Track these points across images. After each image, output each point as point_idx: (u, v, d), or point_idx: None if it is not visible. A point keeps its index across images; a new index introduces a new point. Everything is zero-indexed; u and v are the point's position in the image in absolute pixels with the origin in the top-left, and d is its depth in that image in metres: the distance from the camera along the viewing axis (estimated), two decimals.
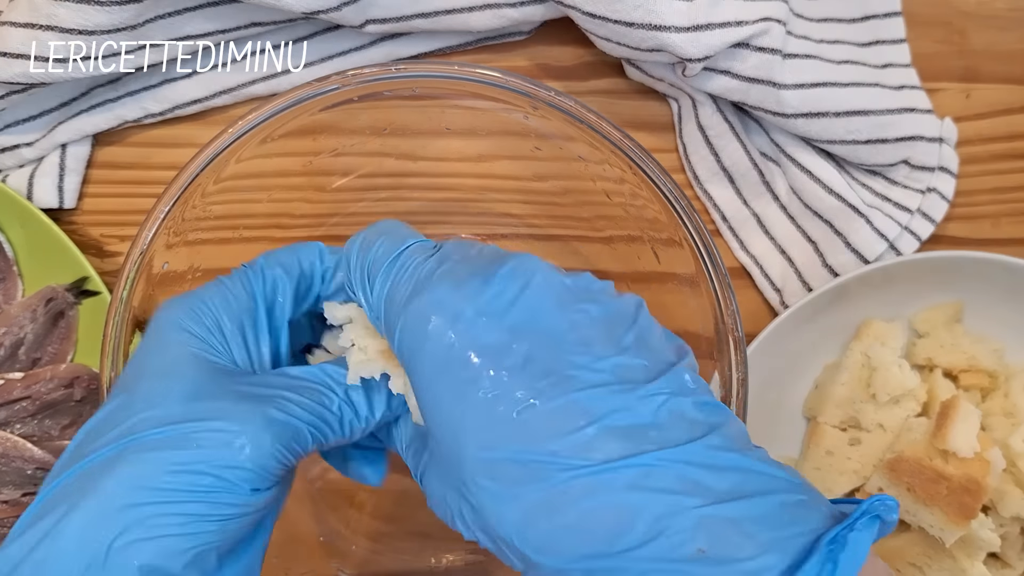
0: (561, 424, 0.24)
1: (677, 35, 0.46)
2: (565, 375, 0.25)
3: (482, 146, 0.51)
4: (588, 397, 0.25)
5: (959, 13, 0.55)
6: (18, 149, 0.51)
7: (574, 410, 0.25)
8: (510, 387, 0.25)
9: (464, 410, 0.26)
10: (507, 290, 0.27)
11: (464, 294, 0.27)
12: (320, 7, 0.47)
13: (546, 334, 0.26)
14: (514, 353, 0.26)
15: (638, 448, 0.24)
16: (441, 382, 0.26)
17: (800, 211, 0.53)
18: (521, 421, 0.25)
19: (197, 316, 0.32)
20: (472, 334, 0.26)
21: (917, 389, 0.50)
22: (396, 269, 0.29)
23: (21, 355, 0.51)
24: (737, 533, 0.23)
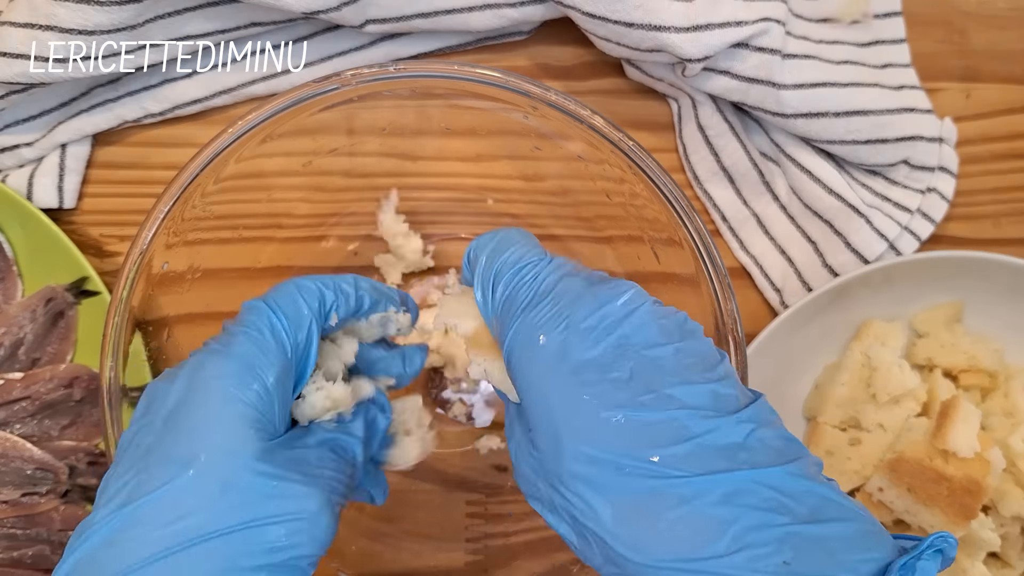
0: (661, 435, 0.26)
1: (677, 35, 0.46)
2: (666, 394, 0.27)
3: (482, 146, 0.51)
4: (687, 415, 0.27)
5: (959, 13, 0.55)
6: (18, 149, 0.51)
7: (674, 425, 0.26)
8: (616, 396, 0.27)
9: (570, 410, 0.27)
10: (617, 311, 0.29)
11: (581, 308, 0.29)
12: (320, 7, 0.47)
13: (649, 356, 0.28)
14: (620, 367, 0.27)
15: (730, 466, 0.26)
16: (549, 382, 0.28)
17: (800, 211, 0.53)
18: (624, 428, 0.27)
19: (246, 381, 0.31)
20: (584, 344, 0.28)
21: (917, 389, 0.50)
22: (519, 277, 0.31)
23: (21, 355, 0.51)
24: (820, 551, 0.25)
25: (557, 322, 0.29)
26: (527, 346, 0.29)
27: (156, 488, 0.28)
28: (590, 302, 0.29)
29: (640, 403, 0.27)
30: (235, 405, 0.30)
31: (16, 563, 0.50)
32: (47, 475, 0.50)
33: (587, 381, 0.27)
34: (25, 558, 0.50)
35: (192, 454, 0.29)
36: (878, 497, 0.48)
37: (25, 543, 0.50)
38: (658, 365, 0.28)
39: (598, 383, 0.27)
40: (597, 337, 0.28)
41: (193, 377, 0.31)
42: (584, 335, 0.28)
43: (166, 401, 0.30)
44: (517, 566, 0.49)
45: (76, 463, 0.50)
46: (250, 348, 0.31)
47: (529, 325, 0.29)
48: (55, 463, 0.50)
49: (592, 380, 0.27)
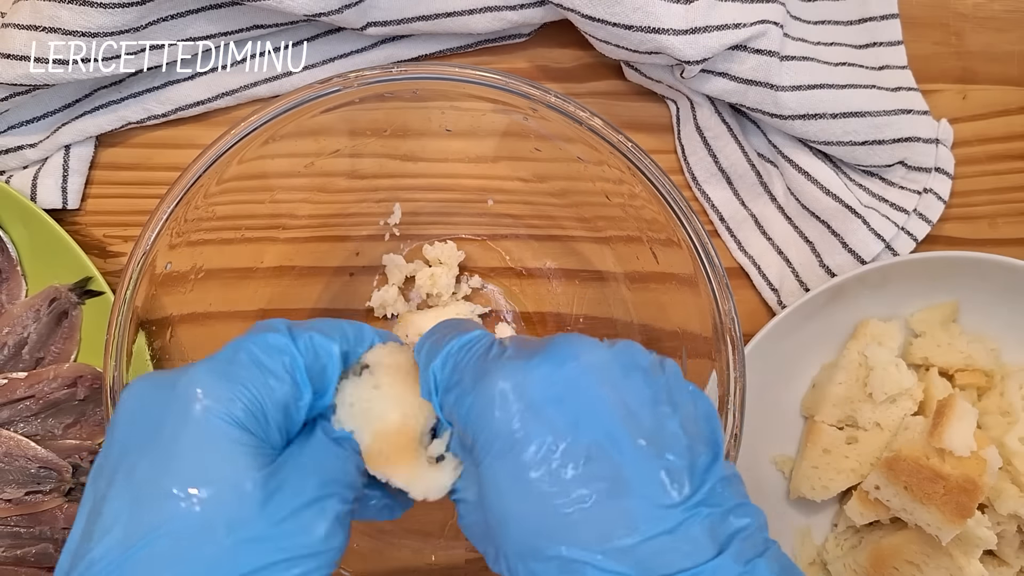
0: (609, 530, 0.27)
1: (675, 38, 0.46)
2: (618, 479, 0.27)
3: (482, 147, 0.51)
4: (637, 507, 0.27)
5: (956, 15, 0.55)
6: (22, 150, 0.52)
7: (624, 519, 0.27)
8: (568, 486, 0.27)
9: (520, 496, 0.27)
10: (557, 370, 0.29)
11: (526, 377, 0.29)
12: (321, 9, 0.47)
13: (602, 423, 0.28)
14: (572, 450, 0.27)
15: (670, 567, 0.26)
16: (502, 464, 0.28)
17: (797, 212, 0.53)
18: (573, 520, 0.27)
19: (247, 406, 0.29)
20: (537, 423, 0.28)
21: (914, 388, 0.50)
22: (463, 355, 0.31)
23: (25, 354, 0.51)
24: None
25: (508, 399, 0.28)
26: (481, 425, 0.29)
27: (158, 527, 0.26)
28: (535, 366, 0.29)
29: (594, 491, 0.27)
30: (233, 432, 0.28)
31: (20, 561, 0.50)
32: (51, 474, 0.50)
33: (542, 465, 0.27)
34: (29, 556, 0.50)
35: (192, 487, 0.27)
36: (875, 495, 0.48)
37: (29, 541, 0.50)
38: (611, 433, 0.28)
39: (553, 468, 0.27)
40: (550, 415, 0.28)
41: (189, 396, 0.28)
42: (538, 412, 0.28)
43: (159, 417, 0.28)
44: None
45: (80, 462, 0.51)
46: (251, 369, 0.29)
47: (481, 402, 0.29)
48: (59, 462, 0.50)
49: (547, 464, 0.27)
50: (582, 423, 0.28)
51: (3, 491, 0.50)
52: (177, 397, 0.28)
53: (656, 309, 0.49)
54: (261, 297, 0.51)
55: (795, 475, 0.52)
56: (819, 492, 0.51)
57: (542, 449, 0.27)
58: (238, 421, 0.28)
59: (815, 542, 0.54)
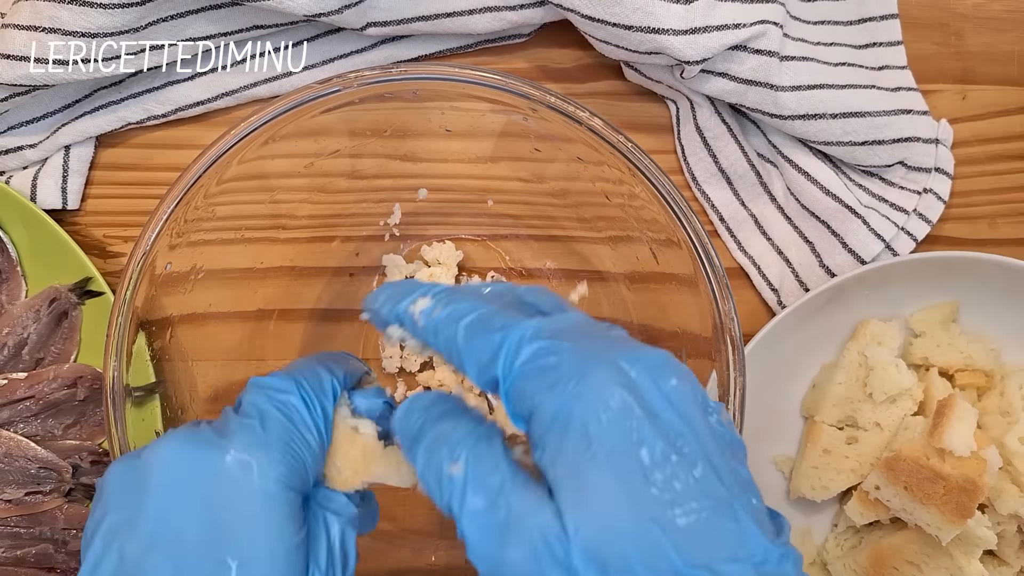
0: (723, 547, 0.24)
1: (675, 38, 0.46)
2: (725, 502, 0.25)
3: (482, 148, 0.51)
4: (749, 531, 0.25)
5: (955, 15, 0.55)
6: (22, 151, 0.52)
7: (737, 539, 0.24)
8: (682, 495, 0.24)
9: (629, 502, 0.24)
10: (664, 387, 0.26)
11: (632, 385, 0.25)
12: (321, 10, 0.47)
13: (702, 446, 0.25)
14: (687, 462, 0.25)
15: None
16: (608, 468, 0.25)
17: (797, 212, 0.53)
18: (684, 533, 0.24)
19: (293, 476, 0.29)
20: (653, 427, 0.25)
21: (914, 388, 0.50)
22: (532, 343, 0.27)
23: (25, 355, 0.51)
24: None
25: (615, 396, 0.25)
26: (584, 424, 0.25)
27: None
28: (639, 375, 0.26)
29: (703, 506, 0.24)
30: (282, 505, 0.29)
31: (20, 562, 0.50)
32: (51, 474, 0.50)
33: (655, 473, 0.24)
34: (29, 557, 0.50)
35: (243, 558, 0.27)
36: (875, 495, 0.48)
37: (29, 542, 0.50)
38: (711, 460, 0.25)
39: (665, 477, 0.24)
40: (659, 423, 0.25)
41: (233, 460, 0.28)
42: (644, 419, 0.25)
43: (201, 479, 0.28)
44: None
45: (80, 462, 0.51)
46: (291, 435, 0.30)
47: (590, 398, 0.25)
48: (59, 462, 0.50)
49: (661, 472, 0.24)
50: (688, 441, 0.25)
51: (3, 492, 0.50)
52: (222, 461, 0.28)
53: (656, 309, 0.49)
54: (261, 297, 0.51)
55: (795, 475, 0.53)
56: (819, 492, 0.51)
57: (656, 453, 0.24)
58: (286, 482, 0.29)
59: (815, 542, 0.54)
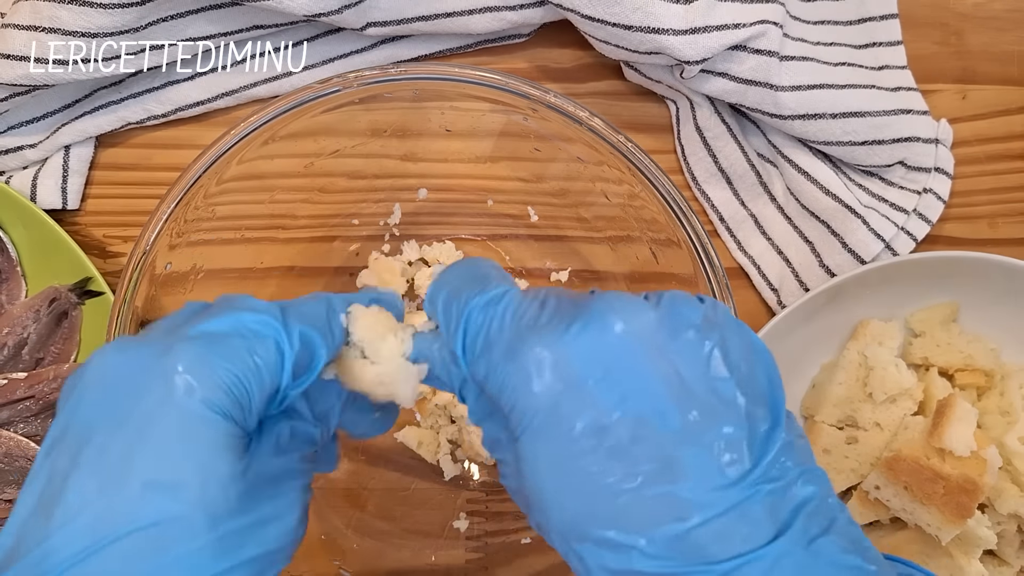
0: (658, 514, 0.25)
1: (675, 38, 0.46)
2: (668, 459, 0.25)
3: (482, 147, 0.51)
4: (690, 490, 0.25)
5: (955, 15, 0.55)
6: (22, 151, 0.52)
7: (675, 503, 0.25)
8: (614, 467, 0.25)
9: (562, 476, 0.26)
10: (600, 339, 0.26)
11: (567, 348, 0.26)
12: (321, 10, 0.47)
13: (650, 398, 0.26)
14: (619, 429, 0.25)
15: (726, 553, 0.24)
16: (542, 442, 0.26)
17: (797, 212, 0.53)
18: (620, 504, 0.25)
19: (235, 400, 0.26)
20: (579, 399, 0.26)
21: (914, 389, 0.50)
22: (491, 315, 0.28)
23: (25, 355, 0.51)
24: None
25: (547, 370, 0.26)
26: (521, 402, 0.27)
27: (133, 520, 0.24)
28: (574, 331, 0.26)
29: (641, 473, 0.25)
30: (219, 424, 0.26)
31: None
32: None
33: (586, 448, 0.25)
34: None
35: (174, 481, 0.25)
36: (875, 495, 0.48)
37: None
38: (657, 408, 0.25)
39: (598, 450, 0.25)
40: (593, 390, 0.26)
41: (171, 375, 0.26)
42: (579, 387, 0.26)
43: (136, 393, 0.26)
44: (517, 564, 0.50)
45: None
46: (244, 357, 0.27)
47: (519, 374, 0.27)
48: None
49: (591, 446, 0.25)
50: (629, 398, 0.25)
51: (3, 491, 0.50)
52: (158, 374, 0.26)
53: None
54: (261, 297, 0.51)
55: None
56: None
57: (585, 427, 0.25)
58: (222, 409, 0.26)
59: None
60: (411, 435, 0.51)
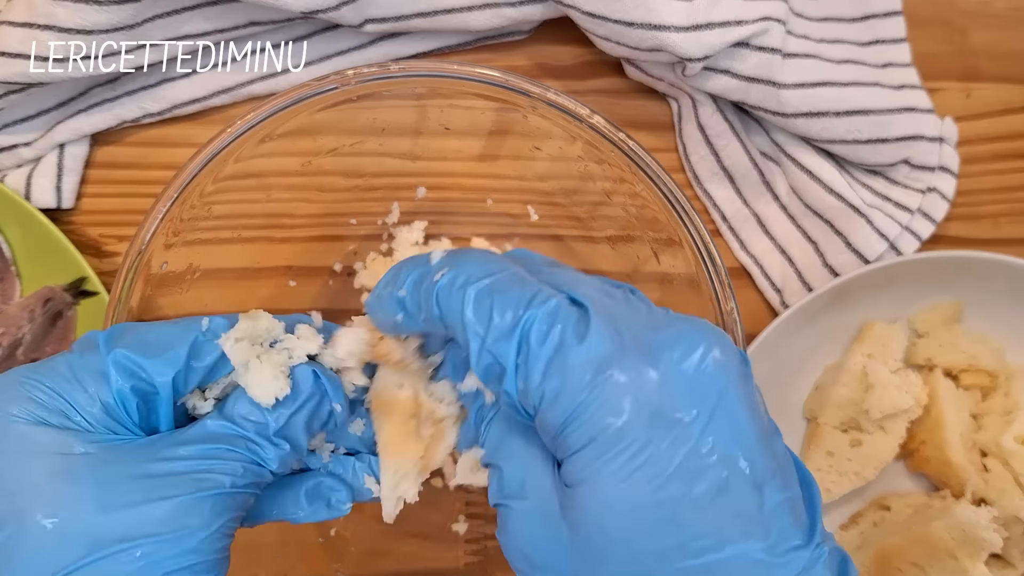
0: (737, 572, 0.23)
1: (676, 34, 0.46)
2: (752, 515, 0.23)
3: (481, 146, 0.51)
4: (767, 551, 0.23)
5: (960, 12, 0.55)
6: (16, 149, 0.51)
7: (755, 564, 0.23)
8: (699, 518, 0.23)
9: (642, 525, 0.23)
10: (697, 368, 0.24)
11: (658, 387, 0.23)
12: (319, 6, 0.47)
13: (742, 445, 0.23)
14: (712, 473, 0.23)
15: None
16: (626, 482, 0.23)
17: (800, 211, 0.52)
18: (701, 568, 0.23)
19: (45, 404, 0.28)
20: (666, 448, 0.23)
21: (912, 409, 0.50)
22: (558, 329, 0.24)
23: (19, 355, 0.51)
24: None
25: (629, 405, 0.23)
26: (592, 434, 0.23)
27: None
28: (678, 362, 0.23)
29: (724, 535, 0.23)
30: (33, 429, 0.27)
31: None
32: None
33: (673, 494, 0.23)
34: None
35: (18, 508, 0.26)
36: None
37: None
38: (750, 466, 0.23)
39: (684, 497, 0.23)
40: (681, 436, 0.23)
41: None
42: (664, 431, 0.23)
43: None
44: None
45: None
46: (59, 369, 0.29)
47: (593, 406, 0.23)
48: None
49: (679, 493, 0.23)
50: (718, 448, 0.23)
51: None
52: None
53: None
54: (258, 297, 0.51)
55: None
56: (822, 495, 0.50)
57: (677, 469, 0.23)
58: (35, 417, 0.27)
59: None
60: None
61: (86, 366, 0.29)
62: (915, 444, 0.51)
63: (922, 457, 0.51)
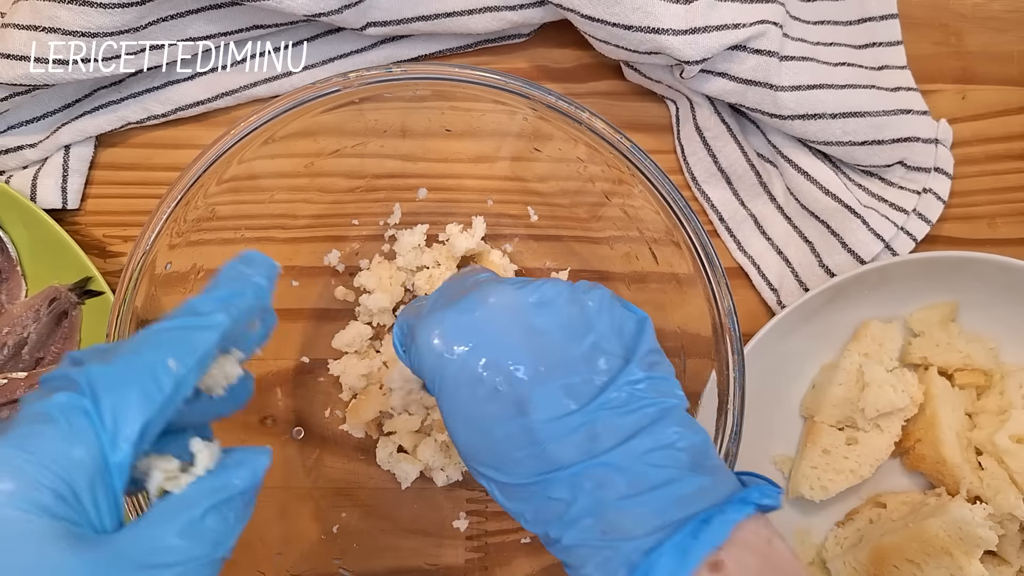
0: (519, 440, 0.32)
1: (674, 38, 0.46)
2: (524, 401, 0.32)
3: (482, 147, 0.51)
4: (536, 420, 0.32)
5: (955, 15, 0.55)
6: (22, 150, 0.52)
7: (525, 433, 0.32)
8: (486, 411, 0.32)
9: (456, 422, 0.33)
10: (468, 315, 0.33)
11: (442, 326, 0.33)
12: (321, 9, 0.47)
13: (510, 357, 0.33)
14: (488, 382, 0.33)
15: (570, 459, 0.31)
16: (440, 399, 0.34)
17: (797, 212, 0.53)
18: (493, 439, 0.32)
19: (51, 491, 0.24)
20: (453, 364, 0.33)
21: (907, 408, 0.50)
22: (410, 314, 0.36)
23: (25, 355, 0.51)
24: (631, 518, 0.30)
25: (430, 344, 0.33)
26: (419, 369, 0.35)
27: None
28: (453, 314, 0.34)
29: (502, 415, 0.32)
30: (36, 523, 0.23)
31: None
32: None
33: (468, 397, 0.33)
34: None
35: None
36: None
37: None
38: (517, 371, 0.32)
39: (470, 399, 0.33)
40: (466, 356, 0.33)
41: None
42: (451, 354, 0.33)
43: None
44: (517, 564, 0.50)
45: None
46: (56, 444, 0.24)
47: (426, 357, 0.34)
48: None
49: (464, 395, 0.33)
50: (493, 359, 0.32)
51: None
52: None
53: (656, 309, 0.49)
54: None
55: (794, 475, 0.53)
56: (818, 492, 0.51)
57: (462, 384, 0.32)
58: (43, 507, 0.23)
59: (814, 542, 0.54)
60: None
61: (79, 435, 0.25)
62: (910, 442, 0.52)
63: (918, 455, 0.52)
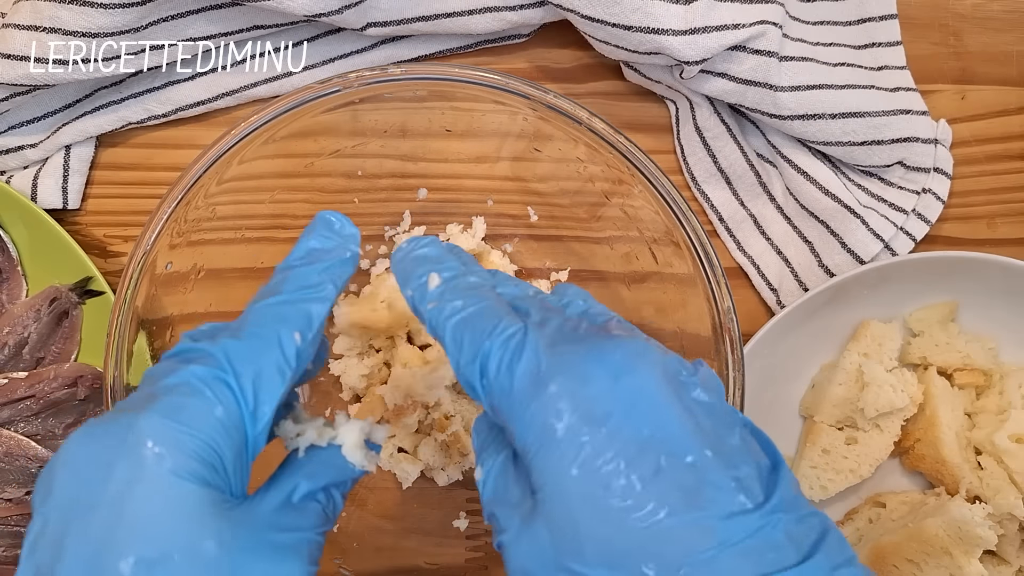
0: (688, 543, 0.25)
1: (674, 38, 0.46)
2: (690, 490, 0.26)
3: (482, 147, 0.51)
4: (714, 517, 0.25)
5: (954, 15, 0.55)
6: (22, 150, 0.52)
7: (701, 530, 0.25)
8: (642, 498, 0.26)
9: (592, 512, 0.26)
10: (617, 382, 0.27)
11: (588, 392, 0.27)
12: (321, 10, 0.47)
13: (670, 434, 0.27)
14: (646, 462, 0.26)
15: (754, 572, 0.25)
16: (570, 481, 0.26)
17: (796, 212, 0.53)
18: (650, 536, 0.25)
19: (204, 460, 0.26)
20: (603, 440, 0.26)
21: (907, 408, 0.50)
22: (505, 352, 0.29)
23: (25, 354, 0.51)
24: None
25: (568, 414, 0.27)
26: (543, 443, 0.27)
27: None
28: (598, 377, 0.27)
29: (668, 503, 0.26)
30: (195, 491, 0.25)
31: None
32: None
33: (613, 481, 0.26)
34: None
35: (159, 556, 0.24)
36: None
37: None
38: (679, 447, 0.27)
39: (625, 483, 0.26)
40: (614, 428, 0.26)
41: (137, 450, 0.25)
42: (599, 427, 0.26)
43: (104, 474, 0.25)
44: None
45: None
46: (205, 415, 0.27)
47: (540, 418, 0.27)
48: None
49: (618, 480, 0.26)
50: (649, 436, 0.26)
51: (3, 491, 0.50)
52: (126, 451, 0.25)
53: (655, 309, 0.49)
54: None
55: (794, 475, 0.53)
56: (818, 492, 0.51)
57: (609, 463, 0.26)
58: (195, 475, 0.26)
59: None
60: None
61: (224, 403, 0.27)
62: (910, 442, 0.52)
63: (917, 455, 0.52)
